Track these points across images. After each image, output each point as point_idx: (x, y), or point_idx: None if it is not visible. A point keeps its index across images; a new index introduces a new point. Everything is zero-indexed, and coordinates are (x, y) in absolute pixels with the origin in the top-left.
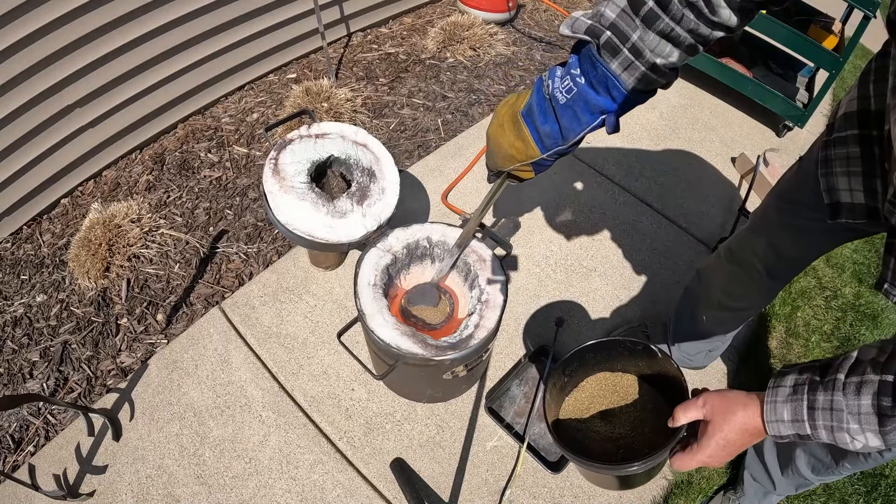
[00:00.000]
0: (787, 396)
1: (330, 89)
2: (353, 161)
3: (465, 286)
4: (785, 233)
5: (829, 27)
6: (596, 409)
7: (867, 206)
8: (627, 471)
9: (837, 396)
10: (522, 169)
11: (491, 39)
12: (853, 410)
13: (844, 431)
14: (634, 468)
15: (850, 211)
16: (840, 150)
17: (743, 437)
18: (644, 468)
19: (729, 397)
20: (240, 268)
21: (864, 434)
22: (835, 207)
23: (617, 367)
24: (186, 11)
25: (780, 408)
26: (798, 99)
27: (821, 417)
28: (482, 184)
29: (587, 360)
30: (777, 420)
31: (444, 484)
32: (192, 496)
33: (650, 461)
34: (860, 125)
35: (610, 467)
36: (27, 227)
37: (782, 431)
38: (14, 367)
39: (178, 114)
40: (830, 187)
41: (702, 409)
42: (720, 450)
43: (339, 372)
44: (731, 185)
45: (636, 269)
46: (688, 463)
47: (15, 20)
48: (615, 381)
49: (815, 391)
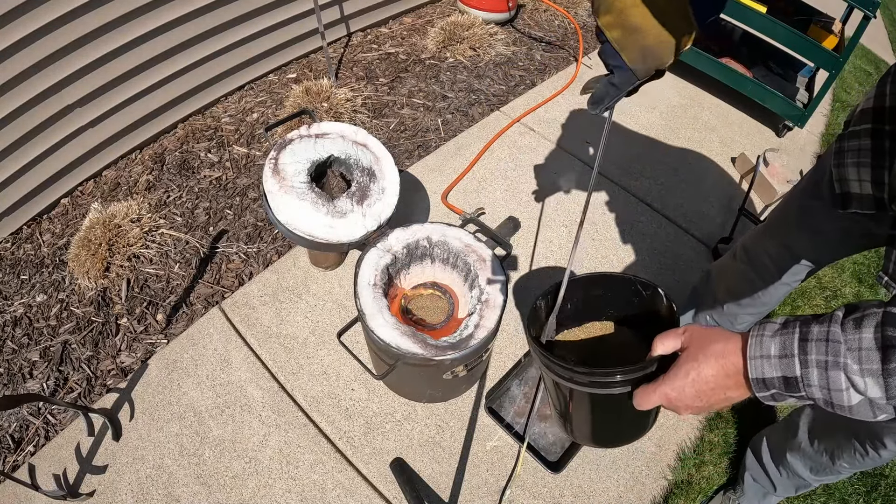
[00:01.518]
0: (775, 331)
1: (330, 89)
2: (353, 161)
3: (465, 286)
4: (801, 233)
5: (829, 27)
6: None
7: (875, 197)
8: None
9: (835, 328)
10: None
11: (491, 39)
12: (853, 345)
13: (840, 369)
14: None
15: (859, 201)
16: (853, 142)
17: (717, 377)
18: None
19: (713, 329)
20: (240, 268)
21: (864, 378)
22: (845, 197)
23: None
24: (186, 11)
25: (768, 342)
26: (798, 99)
27: (814, 350)
28: (482, 184)
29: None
30: (762, 356)
31: (444, 484)
32: (192, 496)
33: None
34: (874, 120)
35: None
36: (27, 227)
37: (766, 372)
38: (14, 367)
39: (178, 114)
40: (841, 177)
41: (681, 336)
42: (688, 384)
43: (339, 372)
44: (731, 185)
45: (636, 269)
46: (650, 395)
47: (15, 20)
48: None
49: (808, 324)
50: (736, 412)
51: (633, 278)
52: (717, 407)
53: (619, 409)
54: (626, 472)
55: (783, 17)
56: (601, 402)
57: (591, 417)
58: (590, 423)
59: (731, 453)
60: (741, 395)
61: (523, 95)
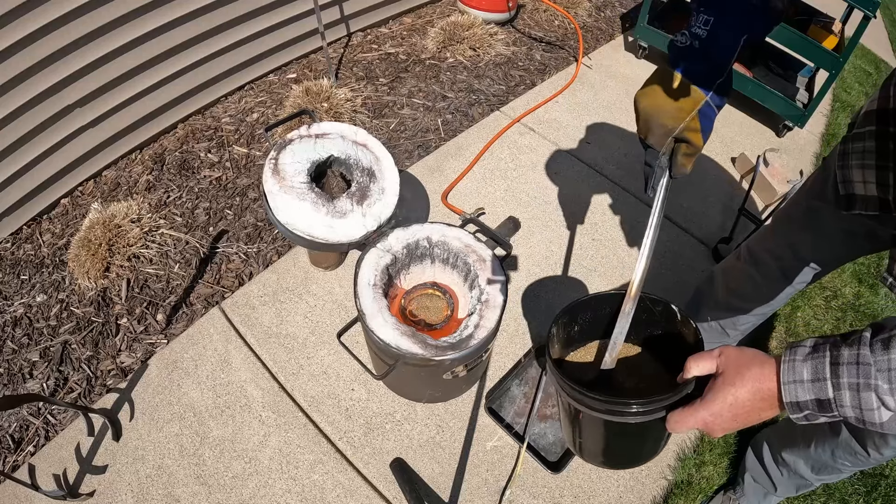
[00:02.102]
0: (806, 355)
1: (330, 89)
2: (353, 161)
3: (465, 286)
4: (806, 234)
5: (829, 27)
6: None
7: (879, 199)
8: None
9: (864, 350)
10: (691, 128)
11: (491, 39)
12: (882, 367)
13: (872, 391)
14: (626, 410)
15: (864, 203)
16: (857, 144)
17: (754, 401)
18: (638, 415)
19: (747, 352)
20: (240, 268)
21: (894, 396)
22: (850, 199)
23: (631, 335)
24: (186, 11)
25: (800, 367)
26: (798, 99)
27: (846, 374)
28: (482, 184)
29: (602, 314)
30: (795, 381)
31: (444, 484)
32: (192, 496)
33: (646, 406)
34: (878, 122)
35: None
36: (27, 227)
37: (800, 396)
38: (14, 367)
39: (178, 114)
40: (846, 179)
41: (717, 359)
42: (726, 409)
43: (339, 372)
44: (731, 185)
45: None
46: (687, 420)
47: (15, 20)
48: (625, 349)
49: (838, 347)
50: None
51: (643, 295)
52: (749, 426)
53: (643, 433)
54: (626, 472)
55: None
56: (625, 429)
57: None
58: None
59: (731, 453)
60: (773, 414)
61: (523, 95)
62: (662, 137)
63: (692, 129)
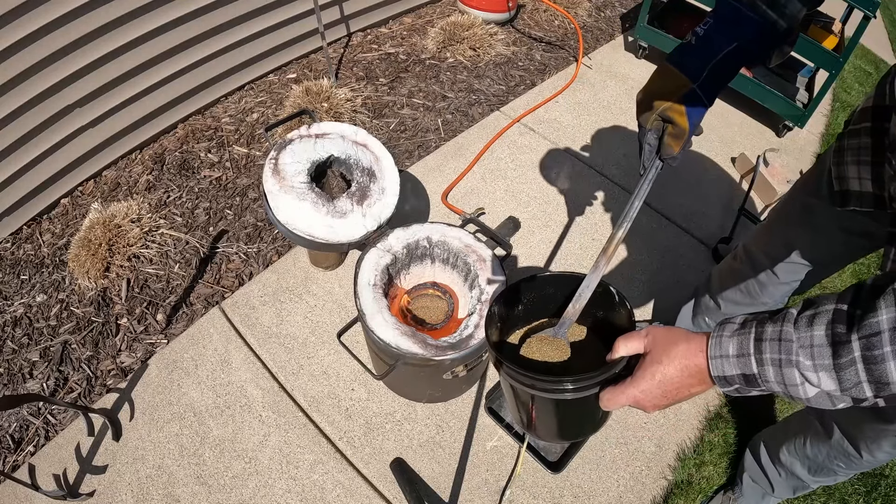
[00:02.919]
0: (734, 331)
1: (330, 89)
2: (353, 161)
3: (465, 286)
4: (801, 230)
5: (829, 27)
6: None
7: (874, 195)
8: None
9: (787, 327)
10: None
11: (491, 39)
12: (804, 343)
13: (793, 367)
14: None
15: (859, 199)
16: (853, 140)
17: (682, 377)
18: (573, 392)
19: (674, 330)
20: (240, 268)
21: (817, 373)
22: (844, 195)
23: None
24: (186, 11)
25: (726, 342)
26: (798, 99)
27: (768, 349)
28: (482, 184)
29: (545, 294)
30: (721, 355)
31: (444, 484)
32: (192, 496)
33: (581, 381)
34: (874, 118)
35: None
36: (27, 227)
37: (726, 370)
38: (14, 367)
39: (178, 114)
40: (841, 175)
41: (644, 339)
42: (655, 386)
43: (339, 372)
44: (731, 185)
45: (636, 269)
46: (617, 397)
47: (15, 20)
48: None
49: (764, 324)
50: (736, 413)
51: (582, 276)
52: (682, 401)
53: (579, 409)
54: (626, 472)
55: None
56: (563, 405)
57: (553, 418)
58: (553, 422)
59: (731, 453)
60: (704, 389)
61: (523, 95)
62: (649, 115)
63: (677, 111)
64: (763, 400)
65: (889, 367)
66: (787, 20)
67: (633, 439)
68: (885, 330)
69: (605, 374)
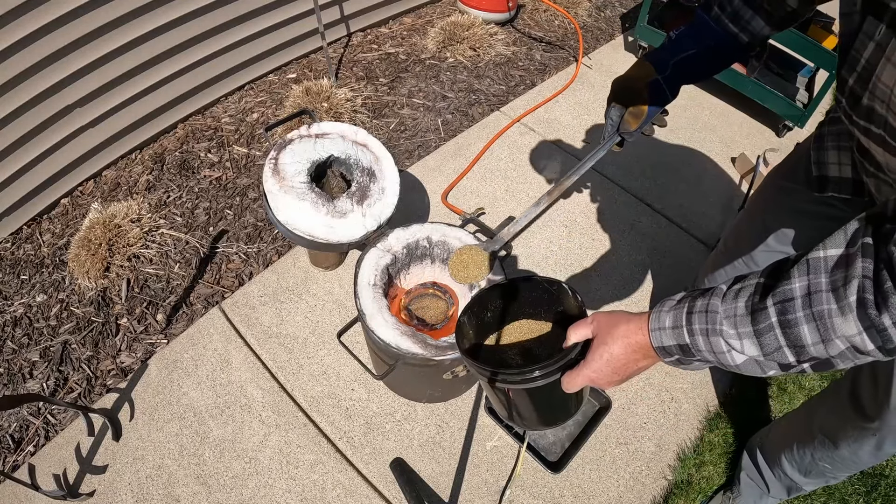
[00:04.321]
0: (672, 306)
1: (330, 89)
2: (353, 161)
3: (465, 286)
4: (779, 215)
5: (829, 27)
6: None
7: (853, 181)
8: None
9: (715, 300)
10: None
11: (491, 39)
12: (728, 313)
13: (719, 335)
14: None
15: (837, 184)
16: (833, 126)
17: (627, 353)
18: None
19: (616, 314)
20: (240, 268)
21: (741, 340)
22: (822, 180)
23: (540, 314)
24: (186, 11)
25: (664, 316)
26: (798, 99)
27: (697, 321)
28: (482, 184)
29: (508, 297)
30: (660, 328)
31: (444, 484)
32: (192, 496)
33: (545, 367)
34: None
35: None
36: (27, 227)
37: (664, 341)
38: (14, 367)
39: (178, 114)
40: (820, 161)
41: (590, 325)
42: (605, 364)
43: (339, 372)
44: (731, 185)
45: (636, 269)
46: (575, 379)
47: (15, 20)
48: (537, 328)
49: (696, 299)
50: (735, 413)
51: (539, 279)
52: (634, 376)
53: (550, 395)
54: (626, 472)
55: None
56: (534, 393)
57: (529, 406)
58: (530, 411)
59: (731, 453)
60: (651, 362)
61: (523, 95)
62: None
63: (639, 95)
64: (761, 400)
65: (803, 330)
66: (748, 35)
67: (633, 439)
68: (797, 297)
69: (562, 360)
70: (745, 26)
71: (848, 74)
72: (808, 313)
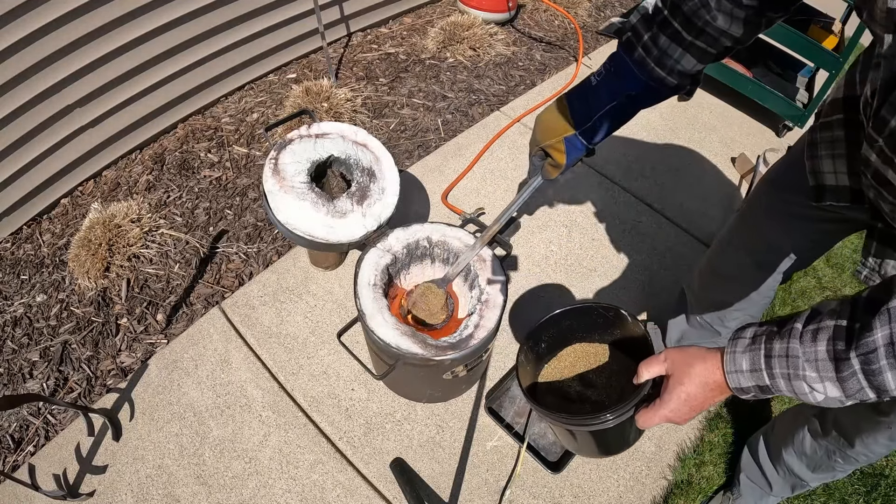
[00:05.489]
0: (745, 347)
1: (330, 89)
2: (353, 161)
3: (465, 286)
4: (773, 220)
5: (829, 27)
6: (573, 377)
7: (851, 189)
8: (595, 424)
9: (793, 343)
10: (556, 147)
11: (491, 39)
12: (809, 357)
13: (801, 380)
14: (602, 421)
15: (834, 193)
16: (825, 133)
17: (704, 392)
18: (614, 421)
19: (689, 351)
20: (240, 268)
21: (823, 383)
22: (819, 190)
23: (594, 337)
24: (186, 11)
25: (739, 358)
26: (798, 99)
27: (777, 365)
28: (482, 184)
29: (563, 327)
30: (736, 370)
31: (444, 484)
32: (192, 496)
33: (616, 414)
34: (845, 110)
35: (578, 419)
36: (27, 227)
37: (742, 383)
38: (14, 367)
39: (178, 114)
40: (815, 170)
41: (663, 363)
42: (682, 404)
43: (339, 372)
44: (731, 185)
45: (636, 269)
46: (651, 418)
47: (15, 20)
48: (592, 350)
49: (772, 340)
50: (735, 413)
51: (595, 305)
52: (708, 408)
53: (616, 431)
54: (626, 472)
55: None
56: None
57: (593, 440)
58: (593, 444)
59: (731, 453)
60: (725, 396)
61: (523, 95)
62: (534, 145)
63: (557, 150)
64: (762, 400)
65: (887, 377)
66: (677, 77)
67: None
68: (880, 346)
69: (636, 400)
70: (674, 67)
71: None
72: (891, 362)
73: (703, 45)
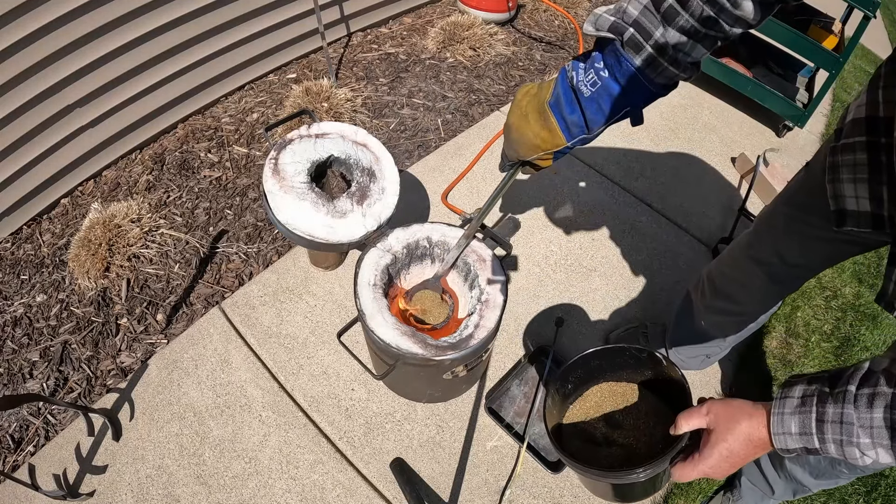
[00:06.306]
0: (794, 408)
1: (330, 89)
2: (353, 161)
3: (465, 286)
4: (791, 240)
5: (829, 27)
6: (599, 418)
7: (873, 214)
8: (627, 478)
9: (848, 409)
10: (543, 158)
11: (491, 39)
12: (864, 424)
13: (854, 446)
14: (634, 476)
15: (856, 218)
16: (847, 156)
17: (747, 449)
18: (645, 476)
19: (734, 406)
20: (240, 268)
21: (875, 449)
22: (840, 214)
23: (622, 377)
24: (186, 11)
25: (788, 420)
26: (798, 99)
27: (830, 430)
28: (482, 184)
29: (592, 367)
30: (784, 433)
31: (444, 484)
32: (192, 496)
33: (650, 469)
34: (868, 132)
35: (610, 474)
36: (27, 227)
37: (789, 445)
38: (14, 367)
39: (178, 114)
40: (837, 194)
41: (705, 417)
42: (723, 461)
43: (339, 372)
44: (731, 185)
45: (636, 270)
46: (689, 473)
47: (15, 20)
48: (620, 390)
49: (824, 403)
50: None
51: (627, 346)
52: (746, 463)
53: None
54: None
55: (783, 17)
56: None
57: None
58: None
59: None
60: (767, 451)
61: None
62: (515, 158)
63: (545, 159)
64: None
65: None
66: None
67: None
68: None
69: (672, 454)
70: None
71: None
72: None
73: (715, 35)
